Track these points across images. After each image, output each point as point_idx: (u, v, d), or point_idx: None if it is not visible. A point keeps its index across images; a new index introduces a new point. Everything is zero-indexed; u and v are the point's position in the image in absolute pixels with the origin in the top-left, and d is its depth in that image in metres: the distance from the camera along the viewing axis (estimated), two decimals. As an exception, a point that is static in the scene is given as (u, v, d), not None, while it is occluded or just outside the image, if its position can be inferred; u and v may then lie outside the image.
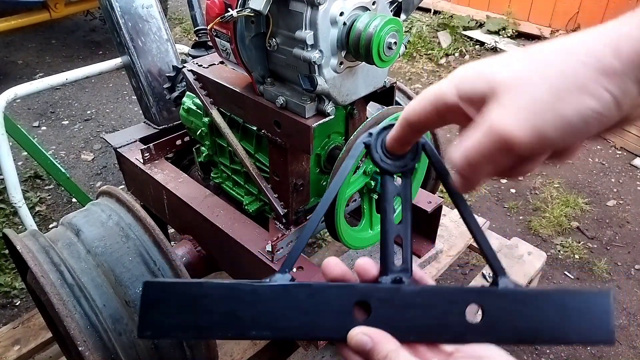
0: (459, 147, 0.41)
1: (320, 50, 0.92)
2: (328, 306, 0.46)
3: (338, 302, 0.46)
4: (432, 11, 5.05)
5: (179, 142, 1.60)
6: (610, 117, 0.36)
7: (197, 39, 1.61)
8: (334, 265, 0.49)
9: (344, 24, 0.93)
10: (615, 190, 2.87)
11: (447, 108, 0.43)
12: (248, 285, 0.46)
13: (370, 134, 0.50)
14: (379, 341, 0.44)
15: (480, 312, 0.46)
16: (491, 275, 0.46)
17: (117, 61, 1.91)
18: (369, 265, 0.49)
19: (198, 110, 1.40)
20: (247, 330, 0.46)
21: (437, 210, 1.37)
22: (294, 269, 1.11)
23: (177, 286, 0.47)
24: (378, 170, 0.50)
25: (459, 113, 0.42)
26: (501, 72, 0.39)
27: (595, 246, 2.46)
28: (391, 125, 0.49)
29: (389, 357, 0.43)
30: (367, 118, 1.02)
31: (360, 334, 0.44)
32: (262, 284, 0.46)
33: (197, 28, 1.63)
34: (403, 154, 0.50)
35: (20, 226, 2.36)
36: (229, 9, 0.95)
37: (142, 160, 1.51)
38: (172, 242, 1.84)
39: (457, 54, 4.47)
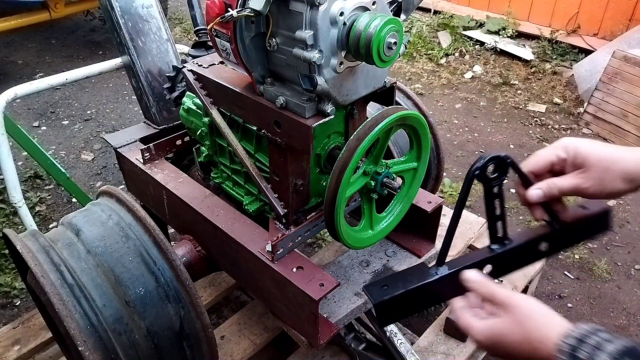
0: (558, 181, 0.76)
1: (320, 50, 0.92)
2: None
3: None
4: (432, 11, 5.05)
5: (179, 142, 1.60)
6: None
7: (197, 39, 1.61)
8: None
9: (344, 24, 0.93)
10: (615, 190, 2.87)
11: (554, 160, 0.77)
12: (432, 281, 0.80)
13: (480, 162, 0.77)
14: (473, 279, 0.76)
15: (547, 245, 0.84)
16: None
17: (117, 61, 1.90)
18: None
19: (198, 110, 1.40)
20: (434, 302, 0.85)
21: (437, 210, 1.37)
22: (294, 269, 1.11)
23: (395, 297, 0.79)
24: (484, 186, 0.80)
25: (555, 169, 0.78)
26: (596, 154, 0.73)
27: (595, 246, 2.46)
28: (493, 158, 0.77)
29: (478, 281, 0.75)
30: (367, 118, 1.02)
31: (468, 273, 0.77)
32: (437, 277, 0.80)
33: (197, 28, 1.63)
34: (498, 174, 0.78)
35: (20, 226, 2.36)
36: (229, 9, 0.95)
37: (142, 160, 1.51)
38: (172, 242, 1.84)
39: (457, 54, 4.47)
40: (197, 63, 1.27)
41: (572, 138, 0.77)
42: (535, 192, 0.76)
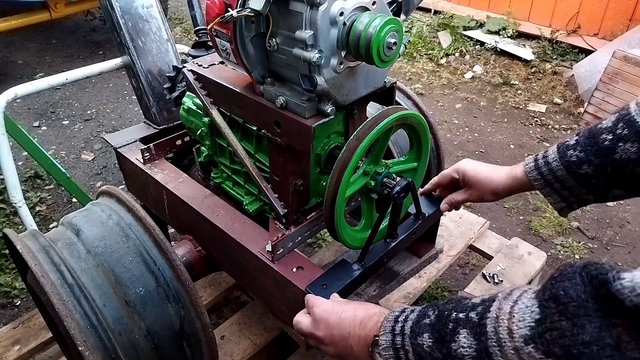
0: (455, 196, 1.16)
1: (320, 50, 0.92)
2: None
3: None
4: (433, 11, 5.05)
5: (179, 142, 1.60)
6: None
7: (197, 39, 1.61)
8: None
9: (344, 24, 0.93)
10: (615, 190, 2.87)
11: (452, 178, 1.15)
12: (358, 275, 1.09)
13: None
14: None
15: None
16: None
17: (117, 61, 1.90)
18: None
19: (198, 110, 1.40)
20: (355, 289, 1.13)
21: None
22: (294, 269, 1.12)
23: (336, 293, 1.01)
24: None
25: (453, 182, 1.16)
26: (475, 176, 1.09)
27: (596, 246, 2.46)
28: (407, 184, 1.05)
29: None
30: (367, 118, 1.02)
31: None
32: (361, 272, 1.09)
33: (197, 28, 1.63)
34: (404, 194, 1.05)
35: (21, 226, 2.36)
36: (229, 9, 0.95)
37: (142, 160, 1.51)
38: (172, 242, 1.84)
39: (457, 54, 4.47)
40: (197, 63, 1.27)
41: (465, 162, 1.11)
42: (444, 206, 1.18)
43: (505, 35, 4.49)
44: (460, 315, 0.62)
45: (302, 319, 0.90)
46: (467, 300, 0.65)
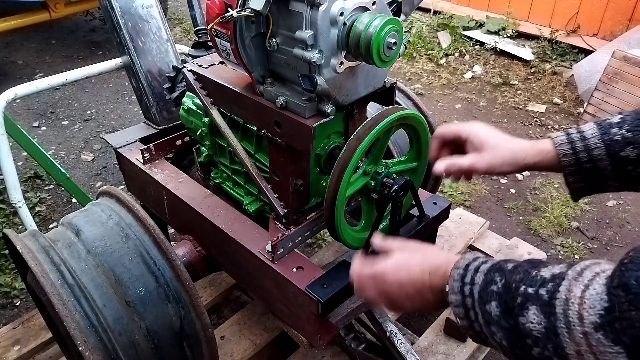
0: (458, 160, 0.90)
1: (320, 50, 0.92)
2: None
3: None
4: (432, 11, 5.05)
5: (179, 142, 1.60)
6: None
7: (197, 39, 1.61)
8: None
9: (344, 24, 0.93)
10: (615, 190, 2.86)
11: (458, 135, 0.93)
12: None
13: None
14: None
15: None
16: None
17: (117, 61, 1.90)
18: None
19: (198, 110, 1.40)
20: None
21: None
22: (294, 269, 1.12)
23: (335, 293, 1.04)
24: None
25: (457, 142, 0.93)
26: (488, 140, 0.89)
27: (596, 246, 2.46)
28: (406, 182, 1.02)
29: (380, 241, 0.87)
30: (367, 118, 1.02)
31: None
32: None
33: (197, 28, 1.63)
34: (403, 192, 1.04)
35: (21, 226, 2.35)
36: (229, 9, 0.95)
37: (142, 160, 1.51)
38: (172, 242, 1.84)
39: (457, 54, 4.47)
40: (197, 63, 1.27)
41: (473, 124, 0.91)
42: (439, 166, 0.92)
43: (505, 36, 4.49)
44: (530, 290, 0.61)
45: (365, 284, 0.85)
46: (535, 272, 0.63)
